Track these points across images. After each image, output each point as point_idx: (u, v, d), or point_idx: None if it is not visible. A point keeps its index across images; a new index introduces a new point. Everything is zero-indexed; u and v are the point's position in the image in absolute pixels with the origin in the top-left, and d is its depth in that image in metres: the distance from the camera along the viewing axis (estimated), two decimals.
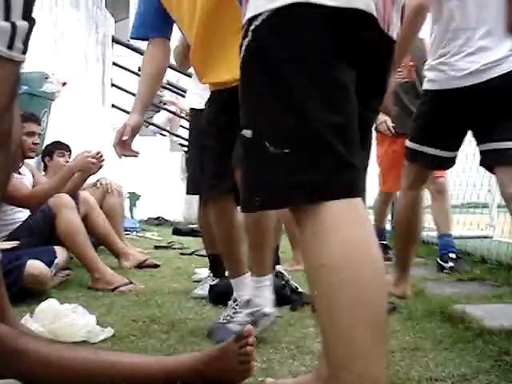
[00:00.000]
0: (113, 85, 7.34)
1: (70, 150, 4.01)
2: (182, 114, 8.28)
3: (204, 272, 3.13)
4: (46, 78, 3.76)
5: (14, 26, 1.11)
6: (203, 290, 2.73)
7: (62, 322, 1.93)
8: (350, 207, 1.04)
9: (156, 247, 4.57)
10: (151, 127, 8.23)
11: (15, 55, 1.13)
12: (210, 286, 2.66)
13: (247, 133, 1.08)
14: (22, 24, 1.13)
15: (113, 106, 7.33)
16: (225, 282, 2.66)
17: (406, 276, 2.56)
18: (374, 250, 1.04)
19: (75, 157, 3.28)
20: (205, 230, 2.88)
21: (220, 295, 2.58)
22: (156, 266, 3.69)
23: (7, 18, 1.10)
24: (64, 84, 3.87)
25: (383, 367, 1.03)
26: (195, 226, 6.01)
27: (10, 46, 1.11)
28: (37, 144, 3.40)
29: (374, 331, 1.01)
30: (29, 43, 1.16)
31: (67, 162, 3.90)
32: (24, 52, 1.15)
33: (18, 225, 3.15)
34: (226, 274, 2.20)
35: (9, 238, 3.08)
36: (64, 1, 5.35)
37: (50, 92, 3.76)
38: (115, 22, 8.06)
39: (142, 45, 10.72)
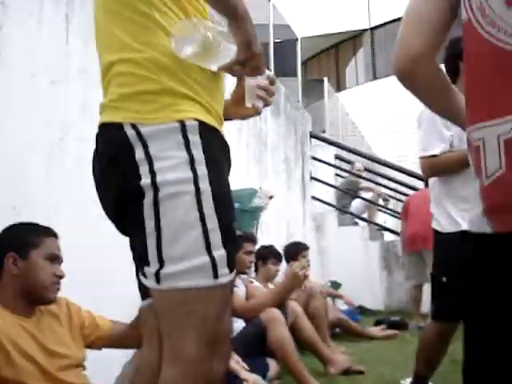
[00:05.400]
0: (312, 178, 7.70)
1: (281, 260, 4.33)
2: (380, 201, 8.31)
3: None
4: (256, 193, 4.15)
5: (213, 259, 1.29)
6: None
7: None
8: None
9: None
10: (349, 216, 8.38)
11: (221, 281, 1.31)
12: None
13: None
14: (221, 253, 1.30)
15: (313, 197, 7.67)
16: None
17: None
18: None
19: (288, 273, 3.57)
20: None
21: None
22: (361, 372, 3.75)
23: (209, 252, 1.29)
24: (271, 197, 4.22)
25: None
26: (396, 318, 5.98)
27: (216, 276, 1.30)
28: (252, 262, 3.76)
29: None
30: (234, 260, 1.35)
31: (277, 270, 4.22)
32: (231, 270, 1.33)
33: (233, 335, 3.47)
34: None
35: None
36: (266, 112, 5.83)
37: (259, 206, 4.13)
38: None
39: (336, 137, 10.92)
